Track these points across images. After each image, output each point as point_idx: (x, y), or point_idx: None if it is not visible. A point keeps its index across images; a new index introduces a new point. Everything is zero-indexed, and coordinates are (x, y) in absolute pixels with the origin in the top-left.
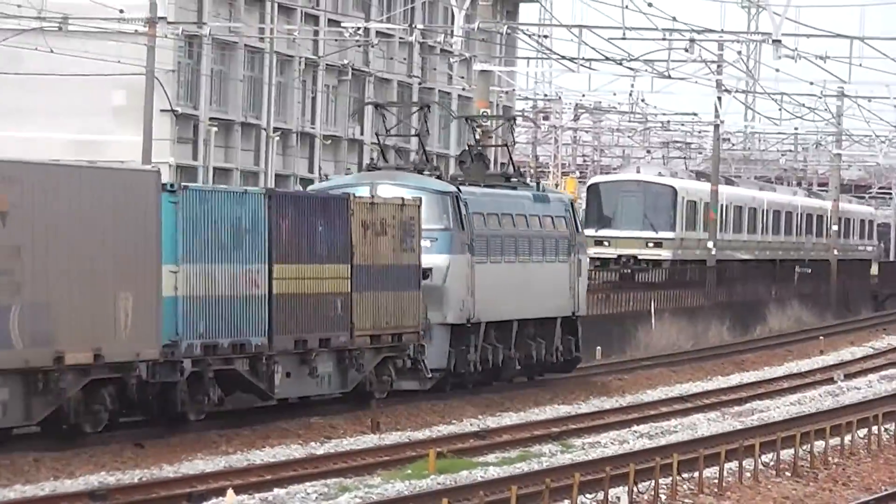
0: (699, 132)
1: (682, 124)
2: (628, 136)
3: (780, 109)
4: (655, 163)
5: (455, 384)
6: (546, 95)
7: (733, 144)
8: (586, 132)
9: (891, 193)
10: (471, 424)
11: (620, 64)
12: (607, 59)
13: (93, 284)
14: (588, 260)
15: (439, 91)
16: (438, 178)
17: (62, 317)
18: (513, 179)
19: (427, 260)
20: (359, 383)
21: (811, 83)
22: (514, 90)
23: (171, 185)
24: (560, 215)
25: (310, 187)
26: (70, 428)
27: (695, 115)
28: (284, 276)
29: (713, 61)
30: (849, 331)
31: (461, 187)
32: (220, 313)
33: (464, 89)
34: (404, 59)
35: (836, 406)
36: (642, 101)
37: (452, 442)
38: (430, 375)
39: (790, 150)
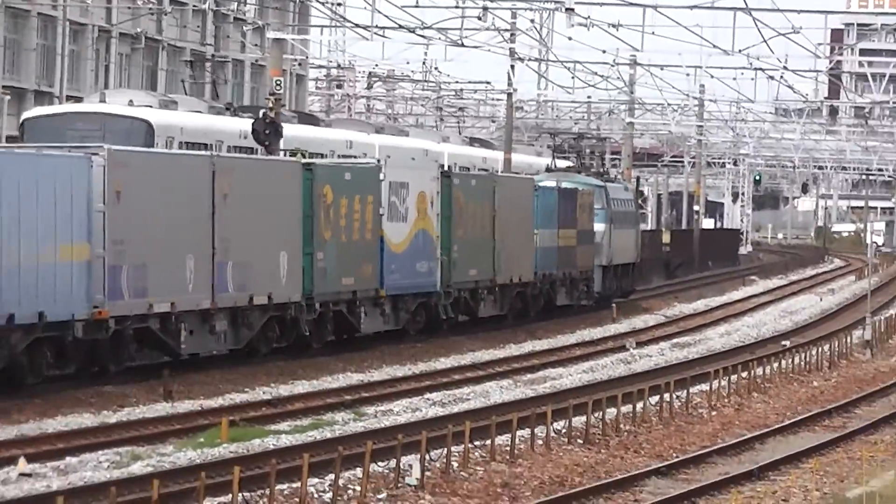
0: (492, 100)
1: (475, 92)
2: (421, 105)
3: (573, 78)
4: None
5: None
6: (339, 64)
7: (526, 113)
8: (380, 101)
9: (682, 161)
10: (263, 392)
11: (414, 32)
12: (401, 27)
13: (524, 236)
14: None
15: (233, 59)
16: (589, 175)
17: (513, 256)
18: (605, 175)
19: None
20: (575, 298)
21: (604, 51)
22: (307, 58)
23: (536, 186)
24: (632, 199)
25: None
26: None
27: (488, 83)
28: (561, 236)
29: (506, 30)
30: (641, 299)
31: (606, 183)
32: (545, 256)
33: (257, 59)
34: (198, 27)
35: (628, 374)
36: (436, 69)
37: (245, 410)
38: (596, 296)
39: (583, 119)
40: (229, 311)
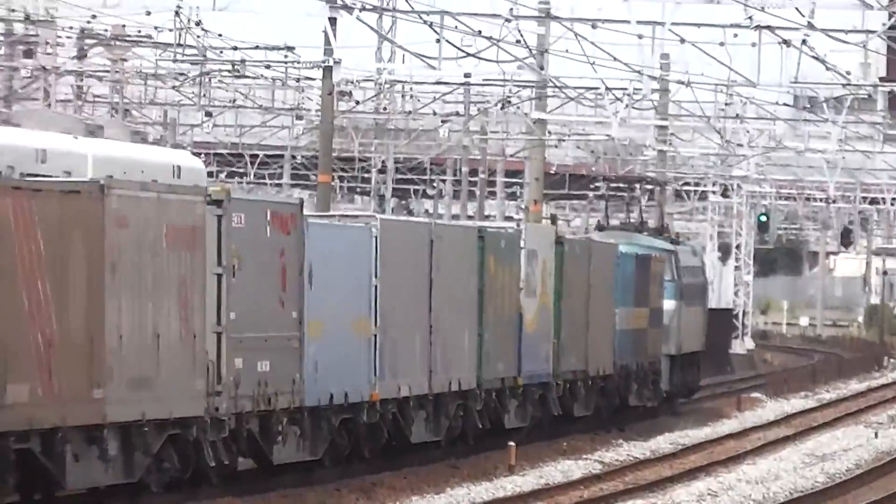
0: (300, 80)
1: (269, 66)
2: (174, 87)
3: (438, 41)
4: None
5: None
6: (30, 16)
7: (357, 103)
8: (100, 79)
9: (633, 190)
10: None
11: None
12: None
13: (605, 316)
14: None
15: None
16: (650, 234)
17: (598, 342)
18: (666, 234)
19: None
20: (643, 397)
21: None
22: None
23: (618, 253)
24: (700, 267)
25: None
26: None
27: (291, 50)
28: (636, 316)
29: None
30: (559, 434)
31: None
32: (622, 342)
33: None
34: None
35: None
36: (197, 24)
37: None
38: (663, 394)
39: (457, 114)
40: (435, 398)
